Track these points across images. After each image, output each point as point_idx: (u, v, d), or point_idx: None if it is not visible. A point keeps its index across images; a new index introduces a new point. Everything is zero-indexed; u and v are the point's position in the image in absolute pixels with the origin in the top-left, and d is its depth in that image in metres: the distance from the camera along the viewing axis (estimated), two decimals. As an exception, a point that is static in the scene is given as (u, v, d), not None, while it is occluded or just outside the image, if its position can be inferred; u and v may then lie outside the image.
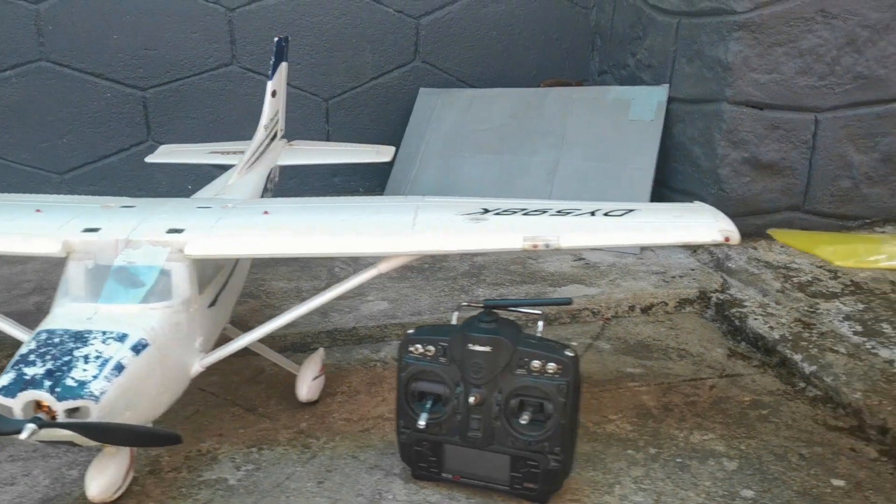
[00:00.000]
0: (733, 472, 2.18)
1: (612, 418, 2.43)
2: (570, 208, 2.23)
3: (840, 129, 3.42)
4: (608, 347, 2.88)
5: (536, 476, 1.99)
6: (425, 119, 4.12)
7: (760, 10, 3.18)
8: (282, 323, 2.21)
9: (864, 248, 1.85)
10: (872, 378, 2.51)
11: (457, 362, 1.99)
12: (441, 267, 3.41)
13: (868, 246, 1.84)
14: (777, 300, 3.04)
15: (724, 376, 2.69)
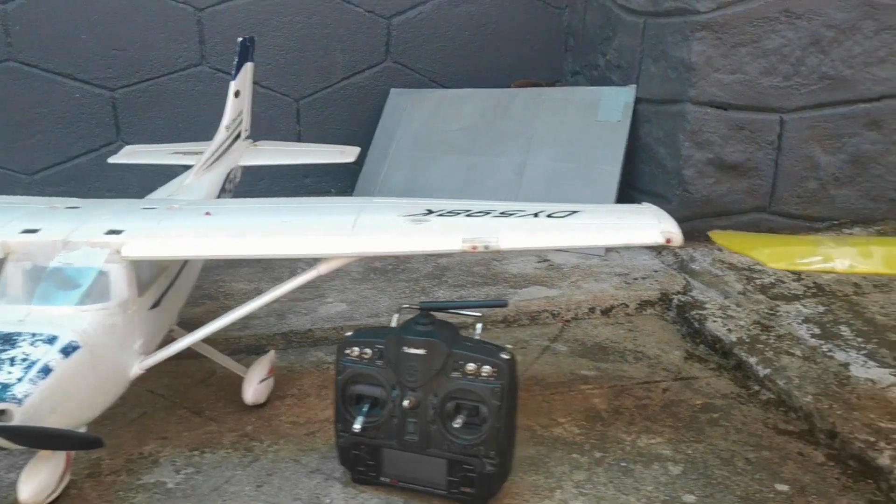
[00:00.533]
0: (677, 476, 2.15)
1: (560, 421, 2.41)
2: (514, 210, 2.21)
3: (806, 129, 3.39)
4: (565, 349, 2.86)
5: (473, 480, 1.97)
6: (395, 119, 4.10)
7: (723, 10, 3.16)
8: (220, 325, 2.19)
9: (800, 250, 1.83)
10: (825, 381, 2.48)
11: (392, 365, 1.98)
12: (405, 268, 3.39)
13: (804, 248, 1.82)
14: (738, 302, 3.02)
15: (678, 379, 2.67)
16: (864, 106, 3.42)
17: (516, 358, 1.98)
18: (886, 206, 3.61)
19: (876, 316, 2.89)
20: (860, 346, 2.68)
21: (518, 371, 2.00)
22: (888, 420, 2.27)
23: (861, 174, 3.53)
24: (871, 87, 3.40)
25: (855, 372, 2.53)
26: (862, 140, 3.47)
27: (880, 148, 3.50)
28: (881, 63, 3.38)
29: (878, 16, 3.31)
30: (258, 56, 4.10)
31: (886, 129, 3.48)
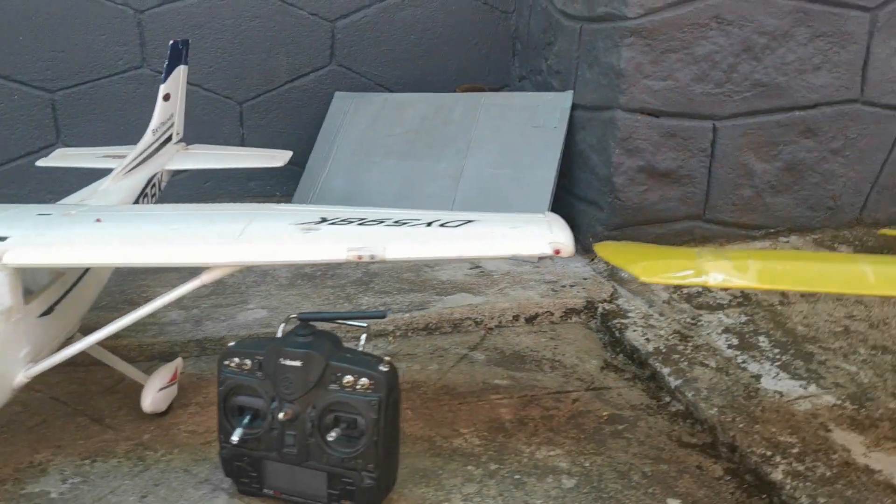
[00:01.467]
0: (569, 489, 2.12)
1: (462, 432, 2.38)
2: (409, 218, 2.17)
3: (740, 137, 3.36)
4: (482, 358, 2.83)
5: (353, 493, 1.95)
6: (338, 123, 4.07)
7: (652, 16, 3.13)
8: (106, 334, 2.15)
9: (677, 263, 1.80)
10: (734, 393, 2.46)
11: (271, 376, 1.95)
12: (333, 274, 3.36)
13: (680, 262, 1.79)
14: (661, 311, 2.99)
15: (591, 389, 2.64)
16: (800, 113, 3.39)
17: (396, 370, 1.95)
18: (824, 214, 3.59)
19: (798, 327, 2.86)
20: (775, 357, 2.65)
21: (399, 382, 1.97)
22: (788, 434, 2.25)
23: (798, 182, 3.50)
24: (806, 94, 3.38)
25: (765, 384, 2.50)
26: (798, 148, 3.44)
27: (817, 156, 3.47)
28: (816, 70, 3.36)
29: (812, 23, 3.29)
30: (199, 59, 4.08)
31: (823, 137, 3.45)
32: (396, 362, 2.79)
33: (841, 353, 2.66)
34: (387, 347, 2.89)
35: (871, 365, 2.59)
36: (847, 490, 2.00)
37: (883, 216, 3.65)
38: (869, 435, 2.23)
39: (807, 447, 2.18)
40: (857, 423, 2.29)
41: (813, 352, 2.68)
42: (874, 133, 3.51)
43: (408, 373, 2.72)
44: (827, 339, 2.77)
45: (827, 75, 3.37)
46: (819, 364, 2.60)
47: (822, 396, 2.42)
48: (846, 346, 2.71)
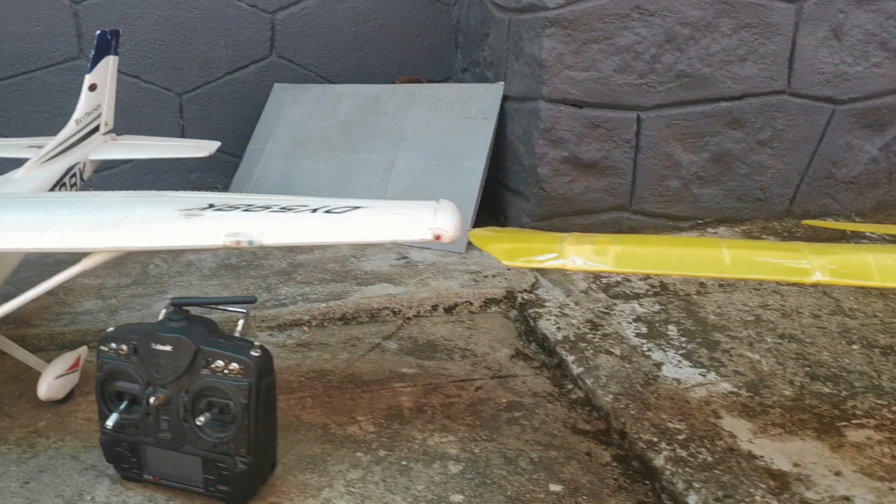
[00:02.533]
0: (454, 475, 2.12)
1: (358, 420, 2.38)
2: (296, 205, 2.17)
3: (665, 127, 3.37)
4: (394, 347, 2.82)
5: (227, 478, 1.95)
6: (275, 115, 4.07)
7: (572, 7, 3.13)
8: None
9: (541, 247, 1.80)
10: (632, 381, 2.46)
11: (144, 361, 1.95)
12: (258, 265, 3.36)
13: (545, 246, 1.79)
14: (577, 301, 2.99)
15: (496, 377, 2.64)
16: (726, 104, 3.40)
17: (270, 355, 1.95)
18: (752, 205, 3.59)
19: (709, 316, 2.87)
20: (680, 346, 2.66)
21: (275, 368, 1.97)
22: (678, 421, 2.25)
23: (725, 173, 3.50)
24: (731, 85, 3.38)
25: (665, 372, 2.51)
26: (725, 139, 3.44)
27: (744, 147, 3.48)
28: (741, 61, 3.36)
29: (736, 14, 3.29)
30: (138, 50, 4.08)
31: (750, 128, 3.46)
32: (308, 351, 2.82)
33: (747, 342, 2.67)
34: (301, 337, 2.89)
35: (775, 353, 2.60)
36: (724, 475, 2.00)
37: (813, 207, 3.66)
38: (757, 422, 2.24)
39: (694, 433, 2.19)
40: (748, 410, 2.30)
41: (719, 340, 2.69)
42: (802, 124, 3.51)
43: (317, 362, 2.72)
44: (736, 327, 2.78)
45: (753, 66, 3.37)
46: (723, 352, 2.61)
47: (719, 384, 2.43)
48: (753, 335, 2.72)
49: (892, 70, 3.51)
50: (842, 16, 3.40)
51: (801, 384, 2.42)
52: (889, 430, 2.20)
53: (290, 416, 2.40)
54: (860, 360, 2.56)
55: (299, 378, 2.62)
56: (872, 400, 2.34)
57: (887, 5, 3.42)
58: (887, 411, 2.28)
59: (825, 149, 3.57)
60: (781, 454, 2.09)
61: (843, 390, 2.39)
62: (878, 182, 3.68)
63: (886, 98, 3.55)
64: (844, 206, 3.70)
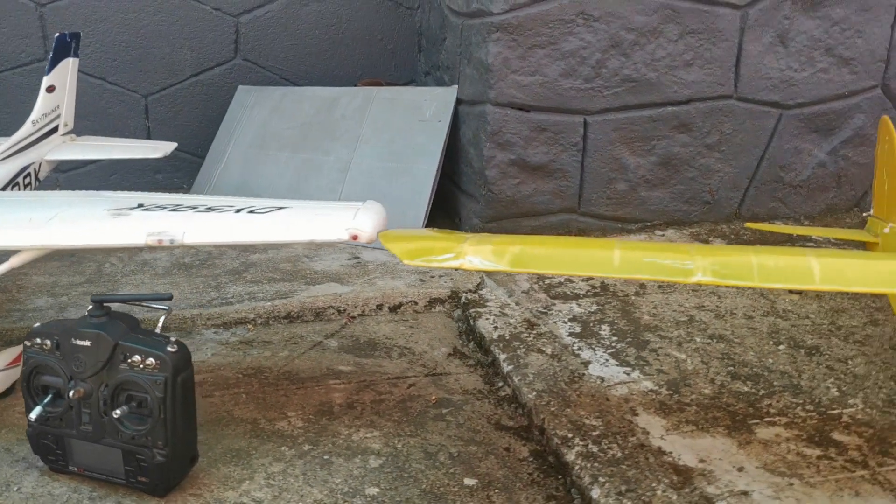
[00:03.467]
0: (372, 469, 2.18)
1: (289, 415, 2.44)
2: (222, 205, 2.23)
3: (612, 131, 3.43)
4: (335, 345, 2.89)
5: (147, 470, 2.01)
6: (237, 116, 4.13)
7: (516, 12, 3.19)
8: None
9: (442, 246, 1.86)
10: (557, 379, 2.52)
11: (66, 356, 2.01)
12: (211, 264, 3.42)
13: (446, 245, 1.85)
14: (518, 301, 3.05)
15: (430, 375, 2.70)
16: (673, 109, 3.46)
17: (187, 350, 2.02)
18: (701, 208, 3.65)
19: (644, 316, 2.93)
20: (610, 345, 2.72)
21: (192, 363, 2.03)
22: (595, 417, 2.31)
23: (673, 177, 3.56)
24: (678, 90, 3.44)
25: (591, 370, 2.57)
26: (672, 143, 3.50)
27: (692, 151, 3.54)
28: (687, 66, 3.42)
29: (681, 20, 3.35)
30: (103, 52, 4.15)
31: (697, 133, 3.52)
32: (249, 349, 2.89)
33: (676, 342, 2.73)
34: (245, 335, 2.95)
35: (701, 353, 2.66)
36: (630, 470, 2.06)
37: (762, 210, 3.72)
38: (672, 419, 2.30)
39: (609, 430, 2.25)
40: (665, 407, 2.35)
41: (649, 340, 2.74)
42: (749, 129, 3.57)
43: (256, 359, 2.78)
44: (668, 328, 2.83)
45: (699, 71, 3.43)
46: (650, 352, 2.67)
47: (641, 382, 2.49)
48: (683, 335, 2.78)
49: (838, 76, 3.57)
50: (787, 22, 3.46)
51: (722, 383, 2.48)
52: (798, 427, 2.25)
53: (223, 412, 2.46)
54: (784, 361, 2.62)
55: (237, 375, 2.68)
56: (788, 398, 2.40)
57: (832, 12, 3.48)
58: (800, 410, 2.34)
59: (773, 153, 3.63)
60: (690, 450, 2.15)
61: (761, 389, 2.45)
62: (826, 186, 3.73)
63: (833, 103, 3.61)
64: (793, 210, 3.75)
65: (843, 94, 3.60)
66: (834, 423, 2.28)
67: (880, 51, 3.59)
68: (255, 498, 2.07)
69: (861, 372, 2.55)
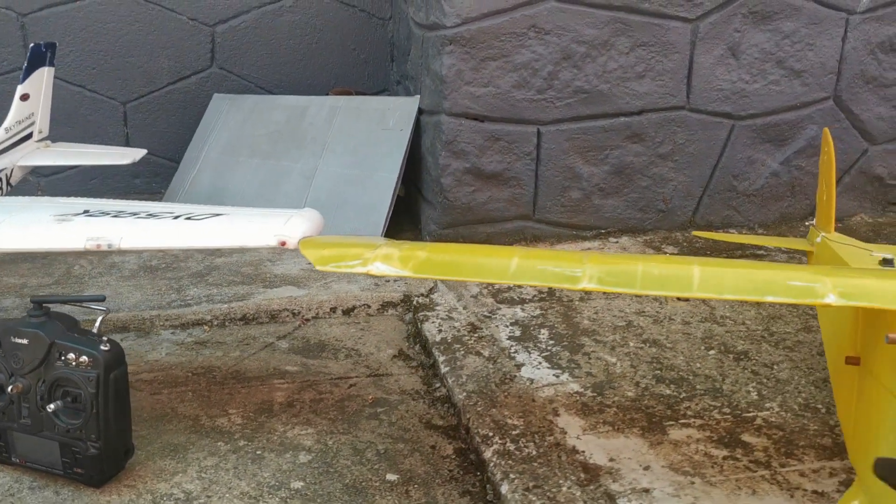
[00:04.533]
0: (301, 464, 2.29)
1: (230, 413, 2.55)
2: (162, 211, 2.36)
3: (565, 141, 3.52)
4: (285, 346, 3.00)
5: (81, 461, 2.13)
6: (212, 124, 4.26)
7: (468, 26, 3.30)
8: None
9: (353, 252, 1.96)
10: (489, 380, 2.62)
11: (6, 354, 2.13)
12: (176, 266, 3.55)
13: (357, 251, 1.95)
14: (466, 305, 3.16)
15: (373, 376, 2.80)
16: (625, 119, 3.55)
17: (120, 349, 2.13)
18: (655, 216, 3.74)
19: (584, 321, 3.02)
20: (546, 348, 2.81)
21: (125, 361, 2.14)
22: (518, 417, 2.41)
23: (627, 185, 3.65)
24: (630, 101, 3.53)
25: (523, 372, 2.66)
26: (625, 152, 3.60)
27: (645, 160, 3.63)
28: (639, 78, 3.51)
29: (632, 33, 3.44)
30: (82, 61, 4.30)
31: (650, 142, 3.61)
32: (203, 349, 3.01)
33: (609, 346, 2.82)
34: (200, 336, 3.07)
35: (632, 357, 2.75)
36: (541, 468, 2.16)
37: (717, 219, 3.81)
38: (590, 420, 2.39)
39: (528, 429, 2.34)
40: (586, 408, 2.45)
41: (584, 344, 2.84)
42: (702, 139, 3.66)
43: (208, 359, 2.89)
44: (605, 332, 2.93)
45: (651, 83, 3.53)
46: (583, 355, 2.76)
47: (568, 384, 2.58)
48: (618, 340, 2.87)
49: (789, 87, 3.66)
50: (738, 35, 3.54)
51: (646, 386, 2.57)
52: (711, 429, 2.34)
53: (168, 408, 2.58)
54: (711, 365, 2.71)
55: (187, 373, 2.80)
56: (707, 402, 2.49)
57: (783, 25, 3.56)
58: (717, 413, 2.43)
59: (726, 162, 3.72)
60: (602, 450, 2.25)
61: (682, 392, 2.54)
62: (780, 195, 3.81)
63: (785, 114, 3.70)
64: (748, 218, 3.84)
65: (796, 105, 3.69)
66: (746, 426, 2.37)
67: (831, 63, 3.67)
68: (185, 490, 2.19)
69: (784, 377, 2.64)
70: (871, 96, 3.77)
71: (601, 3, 3.36)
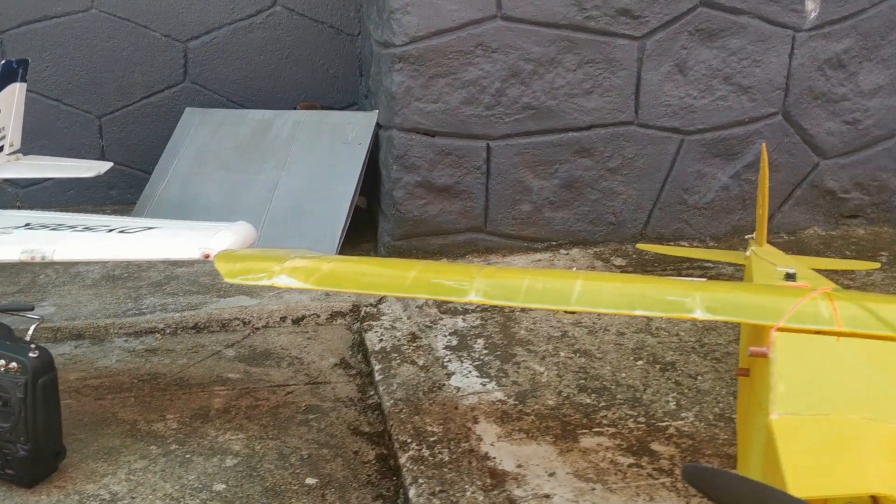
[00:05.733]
0: (226, 468, 2.39)
1: (167, 418, 2.66)
2: (98, 225, 2.47)
3: (515, 155, 3.61)
4: (231, 355, 3.10)
5: (12, 463, 2.24)
6: (182, 137, 4.39)
7: (416, 44, 3.40)
8: None
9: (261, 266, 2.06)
10: (418, 388, 2.71)
11: (-63, 359, 2.26)
12: (137, 276, 3.66)
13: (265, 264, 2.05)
14: (410, 315, 3.25)
15: (311, 384, 2.90)
16: (574, 134, 3.64)
17: (50, 356, 2.24)
18: (606, 228, 3.82)
19: (521, 331, 3.11)
20: (478, 358, 2.90)
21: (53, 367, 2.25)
22: (438, 424, 2.50)
23: (577, 199, 3.73)
24: (578, 116, 3.62)
25: (453, 381, 2.75)
26: (574, 166, 3.68)
27: (594, 174, 3.71)
28: (587, 94, 3.60)
29: (579, 50, 3.53)
30: (58, 75, 4.45)
31: (599, 157, 3.69)
32: (152, 357, 3.12)
33: (541, 356, 2.91)
34: (152, 343, 3.18)
35: (560, 367, 2.83)
36: (450, 473, 2.25)
37: (668, 231, 3.88)
38: (507, 427, 2.48)
39: (446, 436, 2.43)
40: (505, 416, 2.53)
41: (517, 354, 2.92)
42: (652, 153, 3.74)
43: (155, 366, 3.00)
44: (539, 342, 3.01)
45: (599, 99, 3.61)
46: (513, 364, 2.85)
47: (493, 393, 2.67)
48: (550, 350, 2.95)
49: (737, 103, 3.73)
50: (685, 52, 3.62)
51: (567, 395, 2.65)
52: (622, 438, 2.42)
53: (108, 413, 2.69)
54: (637, 375, 2.78)
55: (132, 380, 2.91)
56: (625, 411, 2.57)
57: (729, 42, 3.64)
58: (632, 422, 2.51)
59: (676, 176, 3.79)
60: (512, 456, 2.33)
61: (602, 401, 2.62)
62: (731, 208, 3.88)
63: (734, 129, 3.77)
64: (698, 231, 3.91)
65: (744, 120, 3.76)
66: (658, 435, 2.45)
67: (779, 79, 3.74)
68: (111, 491, 2.30)
69: (706, 387, 2.72)
70: (820, 111, 3.84)
71: (547, 21, 3.46)
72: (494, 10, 3.42)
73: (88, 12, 4.38)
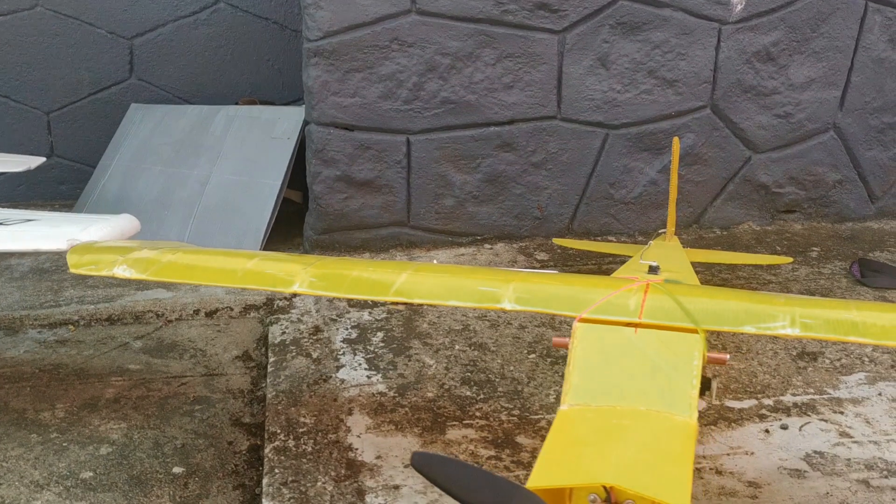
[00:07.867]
0: (99, 456, 2.43)
1: (56, 407, 2.70)
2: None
3: (435, 150, 3.61)
4: (138, 346, 3.14)
5: None
6: (125, 133, 4.44)
7: (331, 39, 3.41)
8: None
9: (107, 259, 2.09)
10: (304, 381, 2.73)
11: None
12: (65, 269, 3.70)
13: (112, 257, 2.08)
14: (319, 308, 3.27)
15: (207, 375, 2.93)
16: (495, 129, 3.63)
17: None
18: (531, 223, 3.81)
19: (423, 325, 3.11)
20: (372, 351, 2.91)
21: None
22: (312, 416, 2.52)
23: (501, 193, 3.73)
24: (499, 111, 3.61)
25: (340, 374, 2.77)
26: (497, 161, 3.67)
27: (518, 169, 3.70)
28: (508, 89, 3.59)
29: (497, 45, 3.52)
30: (7, 72, 4.54)
31: (522, 151, 3.68)
32: (60, 348, 3.16)
33: (435, 349, 2.91)
34: (65, 335, 3.23)
35: (451, 360, 2.83)
36: (307, 464, 2.26)
37: (595, 226, 3.86)
38: (379, 419, 2.49)
39: (316, 427, 2.45)
40: (381, 408, 2.55)
41: (412, 347, 2.93)
42: (576, 147, 3.72)
43: (61, 357, 3.04)
44: (439, 335, 3.02)
45: (520, 93, 3.60)
46: (405, 358, 2.86)
47: (376, 385, 2.68)
48: (447, 343, 2.96)
49: (663, 97, 3.70)
50: (607, 46, 3.60)
51: (449, 387, 2.66)
52: (490, 430, 2.42)
53: (1, 402, 2.74)
54: (525, 369, 2.78)
55: (34, 370, 2.96)
56: (501, 404, 2.57)
57: (652, 35, 3.61)
58: (505, 415, 2.51)
59: (602, 170, 3.77)
60: (374, 448, 2.34)
61: (481, 394, 2.62)
62: (660, 203, 3.85)
63: (661, 123, 3.74)
64: (627, 226, 3.89)
65: (670, 114, 3.73)
66: (527, 428, 2.45)
67: (705, 72, 3.71)
68: (-15, 478, 2.35)
69: (592, 381, 2.70)
70: (750, 105, 3.80)
71: (463, 15, 3.45)
72: (409, 5, 3.42)
73: (34, 10, 4.44)
